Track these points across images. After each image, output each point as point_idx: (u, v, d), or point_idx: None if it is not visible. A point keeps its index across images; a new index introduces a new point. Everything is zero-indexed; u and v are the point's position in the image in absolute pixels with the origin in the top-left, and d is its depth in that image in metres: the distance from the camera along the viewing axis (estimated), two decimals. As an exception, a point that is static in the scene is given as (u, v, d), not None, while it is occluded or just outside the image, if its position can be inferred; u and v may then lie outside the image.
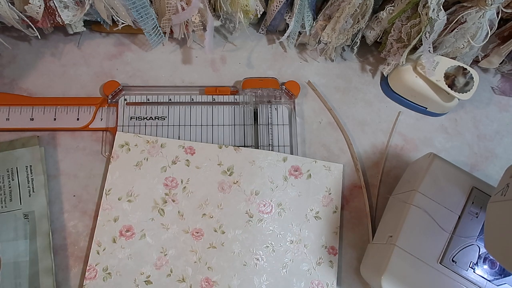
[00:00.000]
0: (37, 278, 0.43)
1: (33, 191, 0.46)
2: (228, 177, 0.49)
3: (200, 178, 0.49)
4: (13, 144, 0.48)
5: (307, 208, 0.49)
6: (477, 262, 0.41)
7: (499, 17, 0.47)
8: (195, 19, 0.48)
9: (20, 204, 0.45)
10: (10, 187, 0.46)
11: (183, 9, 0.48)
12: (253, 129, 0.52)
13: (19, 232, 0.44)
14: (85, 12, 0.48)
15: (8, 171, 0.46)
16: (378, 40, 0.55)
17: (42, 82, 0.52)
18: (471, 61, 0.55)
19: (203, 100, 0.53)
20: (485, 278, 0.40)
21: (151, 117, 0.51)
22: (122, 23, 0.49)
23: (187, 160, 0.50)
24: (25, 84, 0.52)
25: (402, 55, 0.50)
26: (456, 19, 0.47)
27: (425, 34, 0.47)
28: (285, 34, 0.53)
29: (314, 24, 0.53)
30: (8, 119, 0.49)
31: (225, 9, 0.50)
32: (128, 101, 0.51)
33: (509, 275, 0.40)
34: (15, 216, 0.45)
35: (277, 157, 0.51)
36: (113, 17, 0.49)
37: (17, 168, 0.47)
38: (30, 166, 0.47)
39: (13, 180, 0.46)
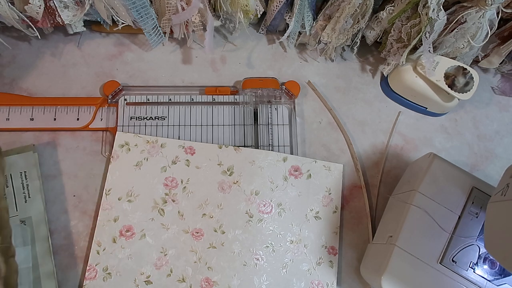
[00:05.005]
0: (39, 282, 0.43)
1: (29, 197, 0.46)
2: (228, 177, 0.49)
3: (200, 178, 0.49)
4: (7, 153, 0.47)
5: (307, 208, 0.49)
6: (477, 262, 0.41)
7: (499, 17, 0.47)
8: (195, 19, 0.49)
9: (16, 210, 0.45)
10: (5, 195, 0.45)
11: (183, 9, 0.48)
12: (253, 129, 0.52)
13: (18, 239, 0.44)
14: (85, 12, 0.48)
15: None
16: (378, 40, 0.55)
17: (42, 82, 0.52)
18: (471, 61, 0.55)
19: (203, 100, 0.53)
20: (485, 278, 0.41)
21: (151, 117, 0.51)
22: (122, 23, 0.49)
23: (187, 160, 0.50)
24: (25, 84, 0.52)
25: (402, 55, 0.50)
26: (456, 19, 0.47)
27: (425, 34, 0.47)
28: (285, 34, 0.53)
29: (314, 24, 0.53)
30: (8, 119, 0.49)
31: (225, 9, 0.50)
32: (128, 101, 0.51)
33: (509, 275, 0.40)
34: (13, 223, 0.44)
35: (277, 157, 0.51)
36: (113, 17, 0.49)
37: (11, 175, 0.46)
38: (25, 172, 0.46)
39: (7, 187, 0.46)
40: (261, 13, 0.52)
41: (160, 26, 0.50)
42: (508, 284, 0.40)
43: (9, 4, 0.45)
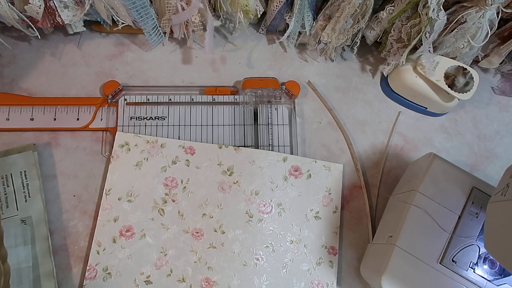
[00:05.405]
0: (39, 282, 0.43)
1: (29, 196, 0.46)
2: (228, 177, 0.49)
3: (200, 178, 0.49)
4: (8, 152, 0.47)
5: (307, 208, 0.49)
6: (477, 262, 0.41)
7: (499, 17, 0.47)
8: (195, 19, 0.49)
9: (17, 210, 0.45)
10: (5, 194, 0.45)
11: (183, 9, 0.48)
12: (253, 129, 0.52)
13: (18, 239, 0.44)
14: (85, 12, 0.48)
15: (3, 178, 0.46)
16: (378, 40, 0.55)
17: (42, 82, 0.52)
18: (471, 61, 0.55)
19: (203, 100, 0.53)
20: (485, 278, 0.41)
21: (151, 117, 0.51)
22: (122, 23, 0.49)
23: (187, 160, 0.50)
24: (25, 84, 0.52)
25: (402, 55, 0.50)
26: (456, 19, 0.47)
27: (425, 34, 0.47)
28: (285, 34, 0.53)
29: (314, 24, 0.53)
30: (8, 119, 0.49)
31: (225, 9, 0.50)
32: (128, 101, 0.52)
33: (509, 275, 0.40)
34: (13, 223, 0.44)
35: (277, 157, 0.51)
36: (113, 17, 0.49)
37: (11, 174, 0.46)
38: (25, 171, 0.46)
39: (8, 186, 0.46)
40: (261, 13, 0.52)
41: (160, 26, 0.50)
42: (508, 284, 0.40)
43: (9, 4, 0.45)
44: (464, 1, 0.47)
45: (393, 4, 0.49)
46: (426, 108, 0.55)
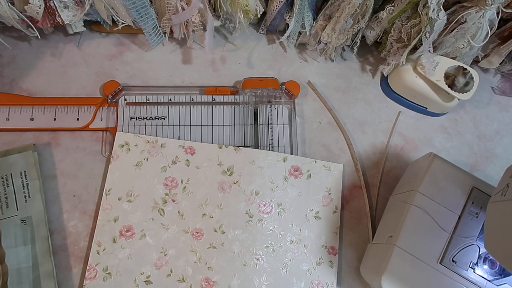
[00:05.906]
0: (38, 282, 0.43)
1: (29, 196, 0.46)
2: (228, 177, 0.49)
3: (200, 178, 0.49)
4: (8, 152, 0.47)
5: (307, 208, 0.49)
6: (477, 262, 0.41)
7: (499, 17, 0.47)
8: (195, 19, 0.49)
9: (17, 210, 0.45)
10: (5, 194, 0.45)
11: (183, 9, 0.48)
12: (253, 129, 0.52)
13: (18, 239, 0.44)
14: (85, 12, 0.48)
15: (3, 178, 0.46)
16: (378, 40, 0.55)
17: (42, 82, 0.52)
18: (471, 61, 0.55)
19: (203, 100, 0.53)
20: (485, 278, 0.41)
21: (151, 117, 0.51)
22: (122, 23, 0.49)
23: (187, 160, 0.50)
24: (25, 84, 0.52)
25: (402, 55, 0.50)
26: (456, 19, 0.47)
27: (425, 34, 0.47)
28: (285, 34, 0.53)
29: (314, 24, 0.53)
30: (8, 119, 0.49)
31: (225, 9, 0.50)
32: (128, 101, 0.52)
33: (509, 275, 0.41)
34: (13, 223, 0.45)
35: (277, 157, 0.51)
36: (113, 17, 0.49)
37: (11, 174, 0.46)
38: (25, 171, 0.46)
39: (8, 186, 0.46)
40: (261, 13, 0.52)
41: (160, 26, 0.50)
42: (508, 284, 0.40)
43: (9, 4, 0.45)
44: (464, 1, 0.47)
45: (393, 4, 0.49)
46: (426, 108, 0.55)
